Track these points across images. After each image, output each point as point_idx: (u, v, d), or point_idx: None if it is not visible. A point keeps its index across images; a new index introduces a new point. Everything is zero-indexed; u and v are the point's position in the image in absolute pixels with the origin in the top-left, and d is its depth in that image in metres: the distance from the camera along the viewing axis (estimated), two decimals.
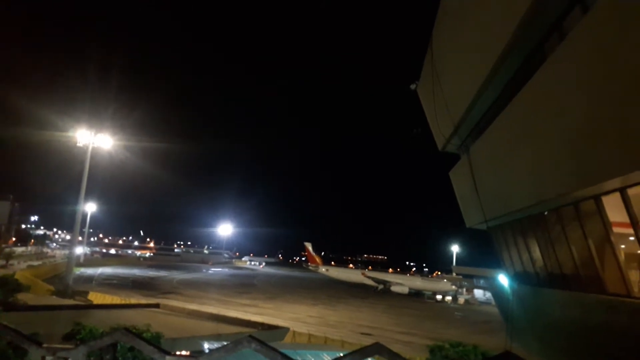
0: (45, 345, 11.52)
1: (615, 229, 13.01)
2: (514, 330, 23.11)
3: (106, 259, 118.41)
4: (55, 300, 31.44)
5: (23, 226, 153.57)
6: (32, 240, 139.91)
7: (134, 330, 12.10)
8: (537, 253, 18.48)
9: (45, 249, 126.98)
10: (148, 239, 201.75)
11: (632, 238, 12.09)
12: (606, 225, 13.14)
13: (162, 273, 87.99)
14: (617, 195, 12.09)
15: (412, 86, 27.92)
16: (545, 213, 17.09)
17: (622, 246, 12.96)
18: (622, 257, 12.87)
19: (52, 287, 40.77)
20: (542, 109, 14.92)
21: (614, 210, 12.65)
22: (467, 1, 20.12)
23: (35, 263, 70.62)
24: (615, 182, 11.67)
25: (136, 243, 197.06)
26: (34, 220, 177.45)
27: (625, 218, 12.07)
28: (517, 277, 21.29)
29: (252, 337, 10.03)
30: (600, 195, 12.97)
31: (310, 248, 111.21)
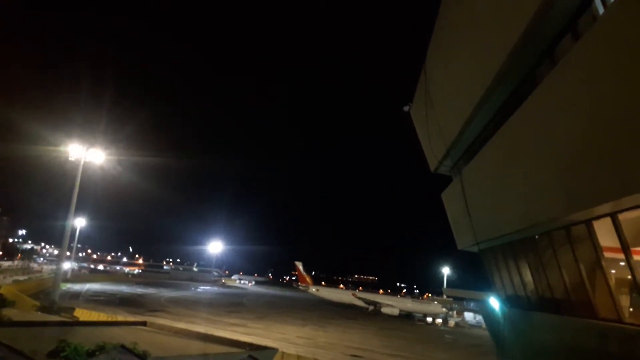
0: None
1: (607, 254, 13.06)
2: (504, 354, 22.96)
3: (94, 275, 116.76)
4: (41, 317, 30.76)
5: (10, 240, 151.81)
6: (19, 255, 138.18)
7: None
8: (528, 276, 18.48)
9: (32, 264, 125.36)
10: (137, 256, 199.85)
11: (622, 263, 12.12)
12: (597, 249, 13.19)
13: (150, 290, 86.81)
14: (608, 220, 12.16)
15: (406, 108, 28.18)
16: (536, 237, 17.14)
17: (613, 271, 12.99)
18: (613, 282, 12.89)
19: (37, 303, 39.96)
20: (533, 133, 15.08)
21: (605, 235, 12.70)
22: (460, 27, 20.44)
23: (22, 278, 69.62)
24: (606, 207, 11.75)
25: (125, 259, 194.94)
26: (22, 235, 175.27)
27: (616, 243, 12.12)
28: (508, 300, 21.23)
29: (252, 358, 9.95)
30: (591, 220, 13.05)
31: (300, 267, 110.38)
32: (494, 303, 23.69)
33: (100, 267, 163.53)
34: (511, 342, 21.63)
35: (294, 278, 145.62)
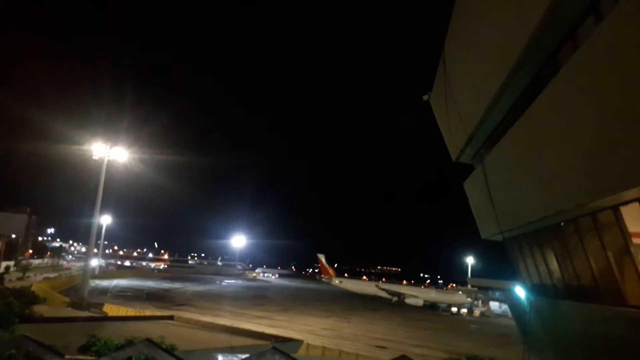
0: (67, 357, 11.64)
1: (635, 240, 12.78)
2: (531, 343, 22.74)
3: (121, 271, 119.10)
4: (71, 312, 31.65)
5: (40, 238, 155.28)
6: (49, 253, 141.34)
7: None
8: (554, 264, 18.22)
9: (61, 261, 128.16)
10: (162, 251, 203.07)
11: None
12: (625, 235, 12.93)
13: (176, 285, 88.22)
14: (636, 205, 11.90)
15: (425, 97, 27.86)
16: (562, 224, 16.87)
17: None
18: None
19: (67, 299, 41.08)
20: (557, 118, 14.79)
21: (633, 220, 12.44)
22: (479, 12, 20.11)
23: (52, 275, 71.29)
24: (634, 192, 11.49)
25: (150, 255, 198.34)
26: (51, 233, 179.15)
27: None
28: (534, 289, 20.98)
29: (275, 349, 10.07)
30: (618, 205, 12.78)
31: (323, 260, 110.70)
32: (520, 292, 23.43)
33: (127, 263, 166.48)
34: (538, 331, 21.40)
35: (317, 270, 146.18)
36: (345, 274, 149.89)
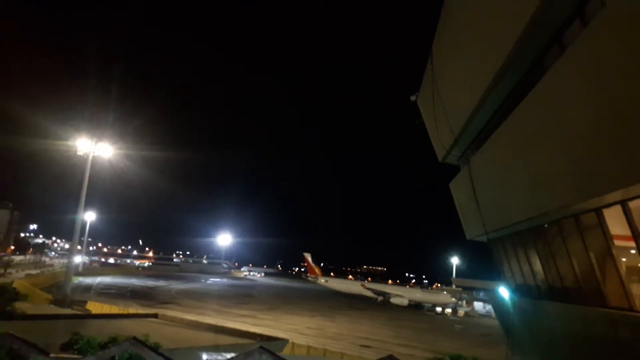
0: (52, 355, 11.48)
1: (617, 242, 12.96)
2: (514, 343, 22.98)
3: (105, 268, 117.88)
4: (53, 310, 31.20)
5: (22, 235, 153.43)
6: (31, 249, 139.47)
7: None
8: (537, 265, 18.42)
9: (43, 258, 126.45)
10: (147, 249, 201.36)
11: (633, 251, 12.05)
12: (607, 238, 13.10)
13: (160, 283, 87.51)
14: (619, 207, 12.06)
15: (412, 97, 27.97)
16: (546, 225, 17.06)
17: (624, 259, 12.90)
18: (623, 270, 12.81)
19: (50, 296, 40.48)
20: (542, 121, 14.95)
21: (615, 222, 12.61)
22: (467, 14, 20.24)
23: (34, 272, 70.34)
24: (617, 195, 11.65)
25: (135, 252, 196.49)
26: (33, 229, 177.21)
27: (626, 231, 12.03)
28: (518, 289, 21.20)
29: (263, 349, 10.05)
30: (601, 208, 12.95)
31: (309, 259, 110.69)
32: (504, 292, 23.66)
33: (111, 260, 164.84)
34: (521, 331, 21.62)
35: (303, 269, 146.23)
36: (332, 273, 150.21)
